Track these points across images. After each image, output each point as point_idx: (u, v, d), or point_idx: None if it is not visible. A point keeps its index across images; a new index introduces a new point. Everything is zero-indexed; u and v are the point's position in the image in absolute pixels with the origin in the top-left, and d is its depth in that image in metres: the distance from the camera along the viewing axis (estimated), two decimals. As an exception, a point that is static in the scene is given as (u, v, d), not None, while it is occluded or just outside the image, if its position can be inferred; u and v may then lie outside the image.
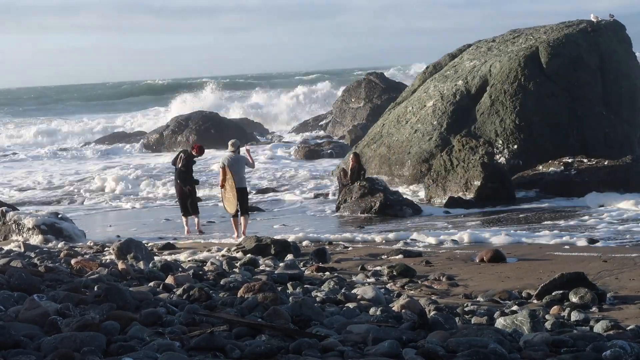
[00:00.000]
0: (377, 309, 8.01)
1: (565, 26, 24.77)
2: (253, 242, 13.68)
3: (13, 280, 7.46)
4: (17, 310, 6.23)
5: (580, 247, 13.78)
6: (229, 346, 5.48)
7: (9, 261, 10.03)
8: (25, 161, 37.37)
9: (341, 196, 19.62)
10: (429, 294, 10.13)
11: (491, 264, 12.29)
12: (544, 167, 20.99)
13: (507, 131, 22.25)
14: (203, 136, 35.71)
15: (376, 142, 24.18)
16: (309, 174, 27.12)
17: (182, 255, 13.51)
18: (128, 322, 6.00)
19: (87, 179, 28.44)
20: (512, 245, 14.12)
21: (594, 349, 5.81)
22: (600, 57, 23.90)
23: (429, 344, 5.66)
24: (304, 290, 9.56)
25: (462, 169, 20.17)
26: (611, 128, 22.93)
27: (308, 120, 43.42)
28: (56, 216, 16.48)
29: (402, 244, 14.36)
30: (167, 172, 27.28)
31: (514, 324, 7.11)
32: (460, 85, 23.62)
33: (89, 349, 5.15)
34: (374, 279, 11.24)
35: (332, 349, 5.65)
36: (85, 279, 8.47)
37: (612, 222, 16.43)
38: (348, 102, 38.65)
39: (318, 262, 12.47)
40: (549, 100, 22.61)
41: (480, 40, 26.47)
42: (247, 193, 16.86)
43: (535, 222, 16.75)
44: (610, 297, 9.64)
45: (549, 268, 11.65)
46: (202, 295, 7.66)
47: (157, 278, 9.62)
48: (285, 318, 6.46)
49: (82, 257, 11.40)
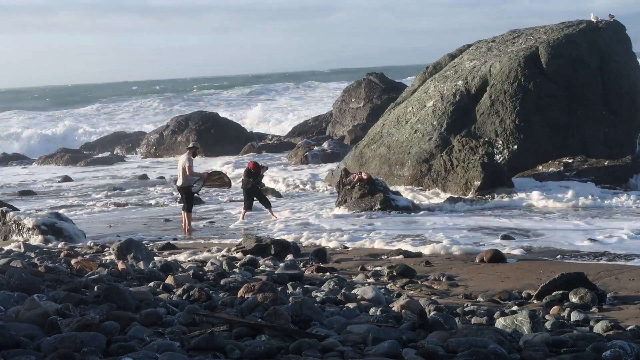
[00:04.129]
0: (377, 309, 8.01)
1: (565, 26, 24.77)
2: (253, 243, 13.69)
3: (13, 280, 7.46)
4: (17, 310, 6.23)
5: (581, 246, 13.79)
6: (229, 346, 5.48)
7: (9, 261, 10.04)
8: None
9: (341, 196, 19.61)
10: (429, 294, 10.13)
11: (491, 264, 12.30)
12: (544, 167, 20.99)
13: (507, 131, 22.26)
14: (203, 136, 35.72)
15: (376, 142, 24.18)
16: (308, 174, 27.13)
17: (182, 256, 13.51)
18: (128, 322, 5.99)
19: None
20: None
21: (594, 349, 5.81)
22: (600, 57, 23.90)
23: (429, 344, 5.66)
24: (304, 291, 9.56)
25: (462, 169, 20.17)
26: (611, 128, 22.93)
27: (308, 121, 43.39)
28: (56, 216, 16.49)
29: (402, 245, 14.37)
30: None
31: (514, 324, 7.11)
32: (460, 85, 23.62)
33: (89, 349, 5.15)
34: (374, 279, 11.24)
35: (332, 349, 5.65)
36: (85, 279, 8.46)
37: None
38: (348, 102, 38.63)
39: (318, 262, 12.47)
40: (549, 100, 22.62)
41: (480, 41, 26.48)
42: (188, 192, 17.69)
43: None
44: (610, 298, 9.64)
45: (549, 268, 11.66)
46: (202, 295, 7.66)
47: (157, 278, 9.62)
48: (285, 318, 6.46)
49: (82, 257, 11.40)
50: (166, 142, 37.79)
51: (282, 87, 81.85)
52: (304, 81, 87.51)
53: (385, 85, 38.34)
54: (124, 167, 33.82)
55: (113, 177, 30.02)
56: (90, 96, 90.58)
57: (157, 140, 38.19)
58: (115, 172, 31.76)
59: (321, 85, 70.50)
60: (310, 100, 46.89)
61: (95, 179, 29.56)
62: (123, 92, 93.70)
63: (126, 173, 31.04)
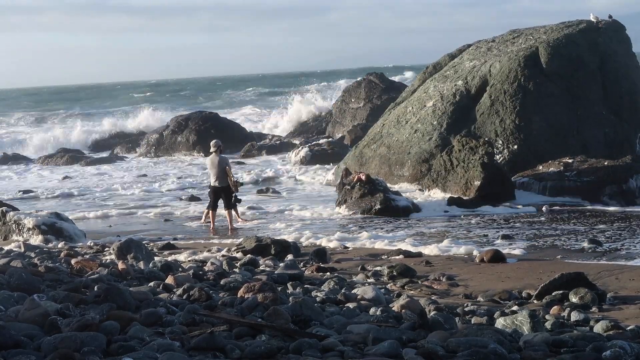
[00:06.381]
0: (377, 309, 8.01)
1: (565, 26, 24.76)
2: (253, 242, 13.69)
3: (13, 280, 7.46)
4: (17, 310, 6.23)
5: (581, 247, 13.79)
6: (229, 346, 5.48)
7: (9, 261, 10.04)
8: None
9: (341, 196, 19.61)
10: (429, 294, 10.13)
11: (491, 264, 12.30)
12: (544, 167, 20.98)
13: (507, 131, 22.25)
14: (203, 136, 35.69)
15: (376, 142, 24.18)
16: (308, 175, 27.13)
17: (182, 255, 13.51)
18: (128, 322, 5.99)
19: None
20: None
21: (594, 349, 5.82)
22: (600, 57, 23.89)
23: (429, 344, 5.67)
24: (304, 290, 9.56)
25: (462, 169, 20.16)
26: (611, 128, 22.92)
27: (308, 121, 43.37)
28: (56, 216, 16.49)
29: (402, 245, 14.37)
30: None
31: (514, 324, 7.12)
32: (460, 85, 23.62)
33: (89, 349, 5.15)
34: (374, 279, 11.24)
35: (332, 349, 5.66)
36: (85, 279, 8.46)
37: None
38: (348, 102, 38.61)
39: (318, 262, 12.48)
40: (549, 100, 22.61)
41: (480, 41, 26.46)
42: (225, 191, 17.62)
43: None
44: (610, 297, 9.65)
45: (549, 268, 11.66)
46: (202, 295, 7.66)
47: (157, 278, 9.63)
48: (285, 318, 6.46)
49: (82, 257, 11.41)
50: (166, 142, 37.75)
51: (282, 87, 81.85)
52: (303, 81, 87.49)
53: (385, 85, 38.33)
54: (124, 167, 33.80)
55: (113, 177, 30.00)
56: (91, 96, 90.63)
57: (157, 140, 38.15)
58: (115, 172, 31.74)
59: (321, 85, 70.40)
60: (310, 100, 46.87)
61: (95, 178, 29.54)
62: (123, 92, 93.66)
63: (126, 173, 31.02)
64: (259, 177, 27.09)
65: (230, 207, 17.71)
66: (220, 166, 17.72)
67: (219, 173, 17.72)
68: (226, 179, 17.71)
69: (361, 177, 19.54)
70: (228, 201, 17.66)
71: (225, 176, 17.70)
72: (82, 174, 31.16)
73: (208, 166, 18.13)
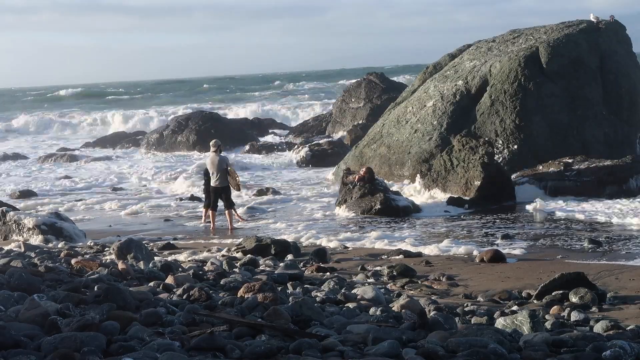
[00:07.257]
0: (377, 309, 8.01)
1: (565, 26, 24.77)
2: (253, 242, 13.69)
3: (13, 280, 7.46)
4: (17, 310, 6.23)
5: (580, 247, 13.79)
6: (229, 346, 5.48)
7: (9, 261, 10.04)
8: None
9: (341, 196, 19.61)
10: (429, 294, 10.14)
11: (491, 264, 12.31)
12: (544, 167, 20.98)
13: (507, 131, 22.26)
14: (203, 136, 35.70)
15: (376, 142, 24.18)
16: (310, 176, 27.12)
17: (182, 255, 13.51)
18: (128, 322, 5.99)
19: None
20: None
21: (594, 349, 5.81)
22: (600, 57, 23.90)
23: (429, 344, 5.67)
24: (304, 290, 9.56)
25: (462, 169, 20.16)
26: (611, 128, 22.93)
27: (308, 121, 43.36)
28: (56, 216, 16.49)
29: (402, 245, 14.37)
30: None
31: (514, 324, 7.12)
32: (460, 85, 23.62)
33: (89, 349, 5.15)
34: (374, 279, 11.24)
35: (332, 349, 5.65)
36: (85, 279, 8.46)
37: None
38: (348, 102, 38.61)
39: (318, 262, 12.48)
40: (549, 100, 22.62)
41: (480, 41, 26.48)
42: (226, 191, 17.66)
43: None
44: (610, 297, 9.65)
45: (549, 268, 11.67)
46: (202, 295, 7.66)
47: (157, 278, 9.62)
48: (285, 318, 6.46)
49: (82, 257, 11.40)
50: (166, 141, 37.77)
51: (282, 87, 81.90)
52: (303, 81, 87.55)
53: (385, 85, 38.33)
54: (124, 166, 33.77)
55: (113, 176, 29.98)
56: (89, 97, 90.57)
57: (157, 140, 38.18)
58: (115, 171, 31.72)
59: (320, 85, 70.49)
60: (310, 101, 46.92)
61: (95, 178, 29.52)
62: (123, 92, 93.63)
63: (126, 173, 31.00)
64: (259, 177, 27.09)
65: (231, 207, 17.71)
66: (221, 166, 17.70)
67: (219, 173, 17.73)
68: (226, 178, 17.68)
69: (362, 173, 19.52)
70: (228, 201, 17.65)
71: (225, 176, 17.67)
72: (82, 173, 31.15)
73: (208, 166, 18.08)
